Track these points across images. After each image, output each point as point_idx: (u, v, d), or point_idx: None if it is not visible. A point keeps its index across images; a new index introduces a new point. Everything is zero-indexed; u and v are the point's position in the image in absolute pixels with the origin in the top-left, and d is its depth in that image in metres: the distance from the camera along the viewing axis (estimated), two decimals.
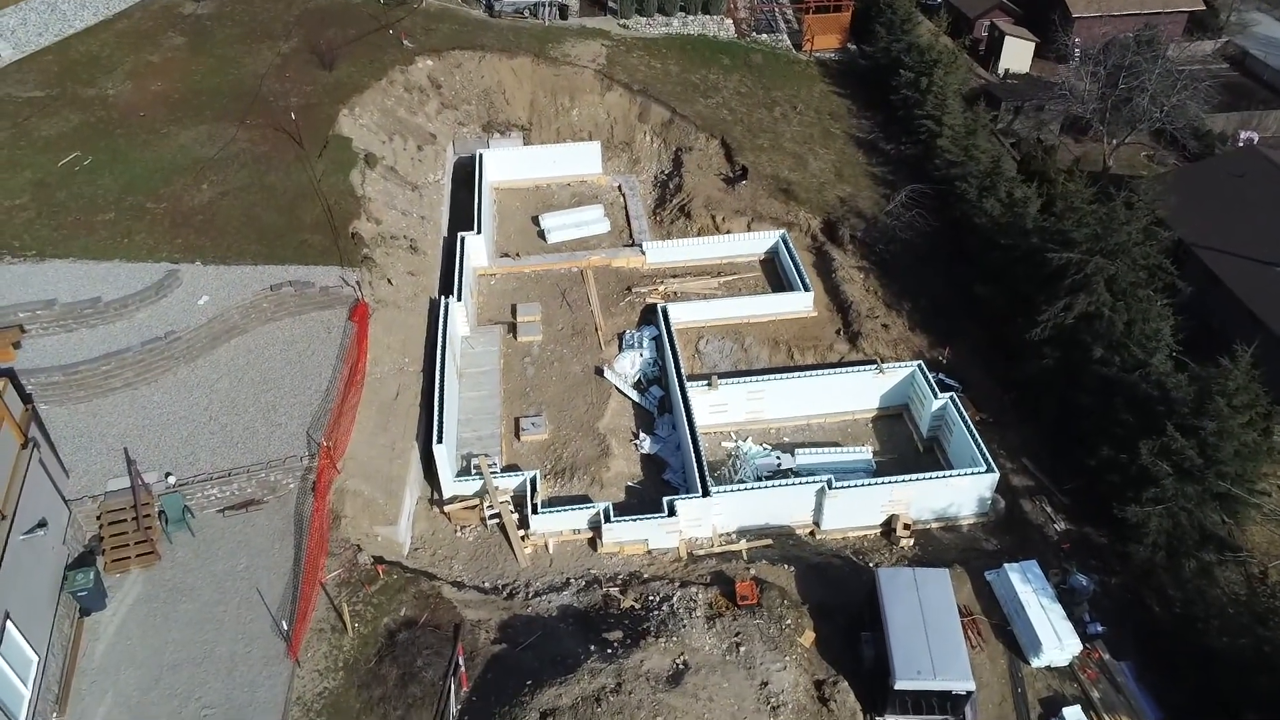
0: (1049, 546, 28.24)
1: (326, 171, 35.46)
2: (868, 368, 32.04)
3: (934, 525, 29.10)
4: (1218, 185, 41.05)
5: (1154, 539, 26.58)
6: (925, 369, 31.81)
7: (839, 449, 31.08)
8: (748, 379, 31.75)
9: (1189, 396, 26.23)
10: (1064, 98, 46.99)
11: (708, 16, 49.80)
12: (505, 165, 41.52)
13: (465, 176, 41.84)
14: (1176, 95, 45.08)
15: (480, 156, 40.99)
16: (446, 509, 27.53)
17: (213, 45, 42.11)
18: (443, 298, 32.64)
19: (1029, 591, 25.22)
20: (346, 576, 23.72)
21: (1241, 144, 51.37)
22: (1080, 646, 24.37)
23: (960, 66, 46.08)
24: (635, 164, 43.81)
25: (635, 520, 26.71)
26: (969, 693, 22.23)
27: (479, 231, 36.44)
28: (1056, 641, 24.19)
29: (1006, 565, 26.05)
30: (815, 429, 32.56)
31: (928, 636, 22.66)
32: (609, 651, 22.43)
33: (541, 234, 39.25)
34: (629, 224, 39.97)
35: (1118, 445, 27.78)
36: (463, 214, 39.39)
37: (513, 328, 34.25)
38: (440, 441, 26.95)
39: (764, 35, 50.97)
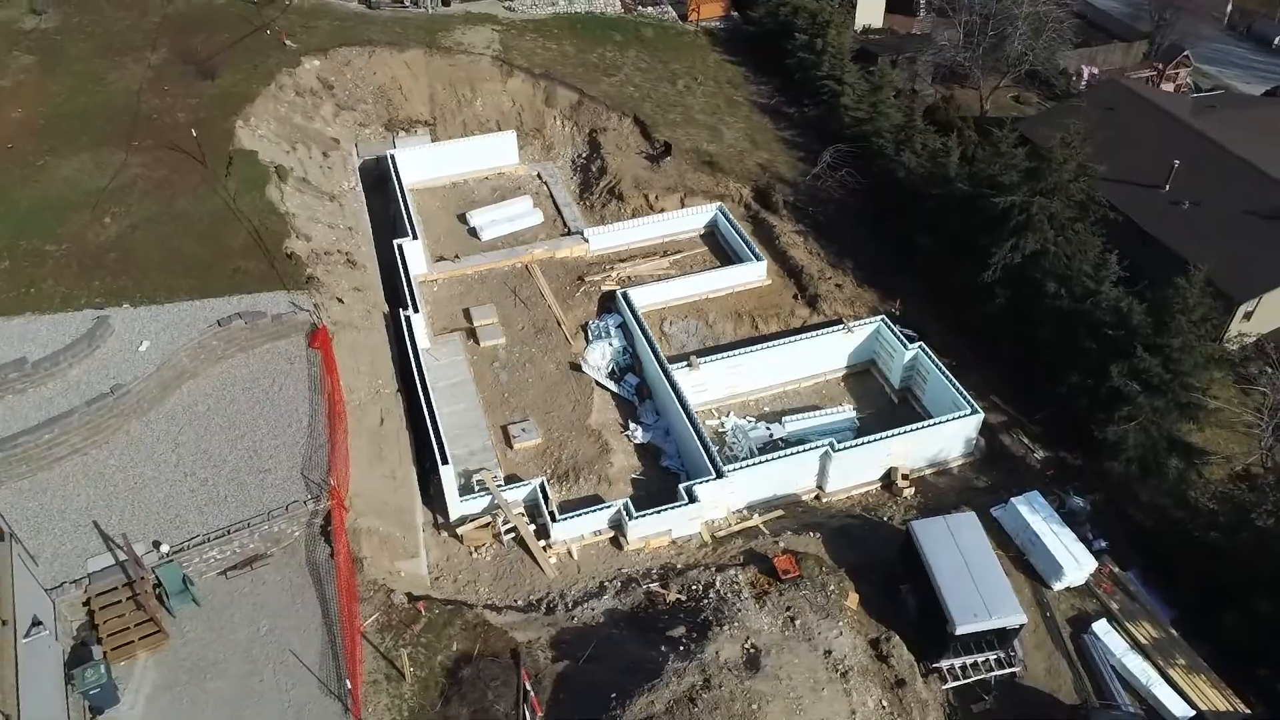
0: (1034, 475, 29.78)
1: (239, 190, 32.64)
2: (835, 329, 32.65)
3: (927, 472, 30.13)
4: (1092, 118, 44.03)
5: (1130, 454, 28.56)
6: (889, 322, 32.76)
7: (823, 412, 31.63)
8: (726, 354, 31.69)
9: (1149, 318, 28.13)
10: (942, 49, 49.09)
11: None
12: (418, 165, 39.47)
13: (374, 181, 39.60)
14: (1046, 36, 47.99)
15: (392, 158, 38.80)
16: (459, 531, 26.16)
17: (68, 62, 37.81)
18: (401, 311, 30.86)
19: (1039, 520, 26.53)
20: (386, 620, 22.17)
21: (1085, 80, 55.48)
22: (1095, 564, 25.92)
23: (849, 26, 47.24)
24: (549, 150, 42.66)
25: (659, 512, 26.26)
26: (1020, 625, 23.25)
27: (415, 237, 34.55)
28: (1075, 563, 25.62)
29: (1013, 499, 27.30)
30: (791, 395, 32.97)
31: (974, 579, 23.45)
32: (681, 649, 22.02)
33: (473, 232, 37.66)
34: (559, 213, 38.93)
35: (1084, 371, 29.56)
36: (379, 221, 37.32)
37: (471, 333, 32.78)
38: (446, 462, 25.53)
39: (649, 8, 50.59)
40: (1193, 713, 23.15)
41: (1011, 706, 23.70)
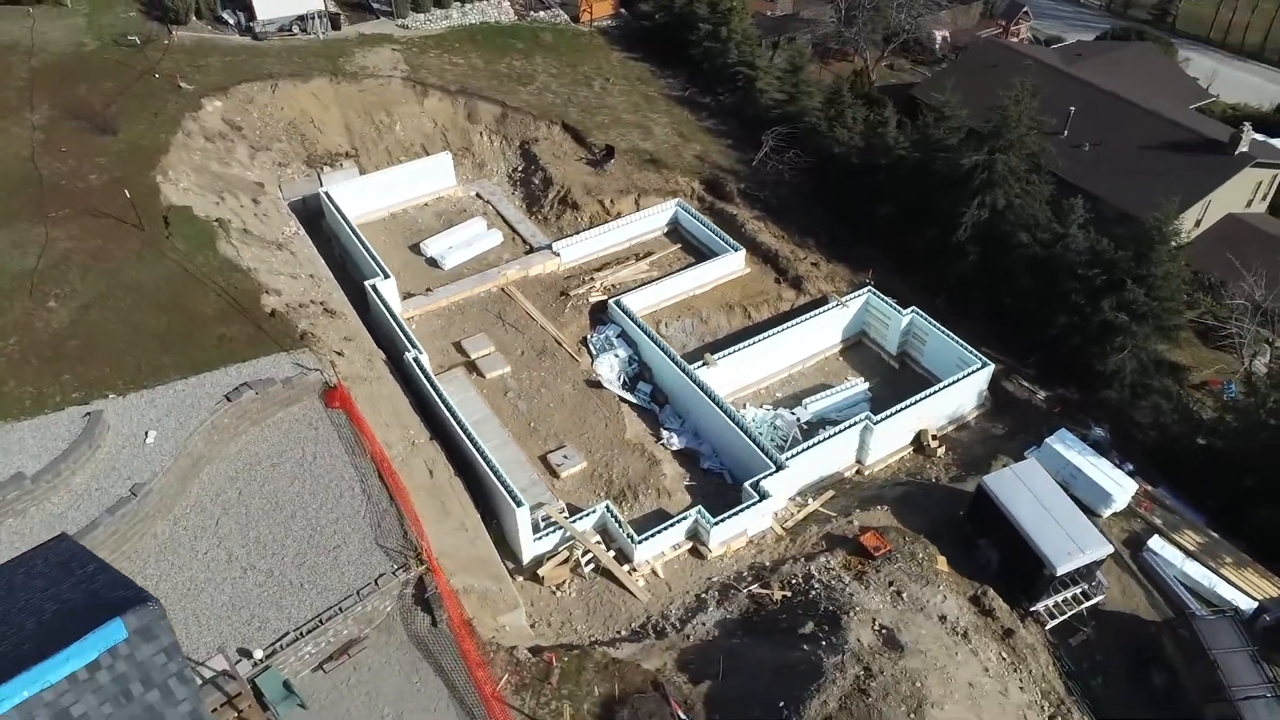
0: (1043, 415, 31.52)
1: (189, 250, 29.55)
2: (829, 307, 33.27)
3: (949, 429, 31.28)
4: (979, 77, 46.81)
5: (1126, 380, 30.74)
6: (877, 293, 33.70)
7: (838, 388, 32.17)
8: (738, 348, 31.61)
9: (1129, 252, 30.28)
10: (828, 26, 50.88)
11: (485, 2, 47.39)
12: (353, 199, 36.97)
13: (305, 223, 36.73)
14: (918, 5, 50.67)
15: (327, 195, 36.20)
16: (540, 572, 24.85)
17: None
18: (405, 355, 28.94)
19: (1076, 454, 28.10)
20: (519, 679, 20.78)
21: (939, 43, 59.03)
22: (1135, 486, 27.73)
23: (749, 12, 48.06)
24: (482, 168, 41.04)
25: (735, 514, 25.90)
26: (1108, 555, 24.57)
27: (386, 275, 32.40)
28: (1119, 488, 27.32)
29: (1047, 439, 28.77)
30: (798, 377, 33.36)
31: (1057, 521, 24.58)
32: (824, 644, 21.86)
33: (432, 262, 35.75)
34: (514, 230, 37.57)
35: (1070, 311, 31.48)
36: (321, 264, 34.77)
37: (472, 367, 31.14)
38: (521, 504, 24.16)
39: (541, 13, 49.52)
40: (1255, 604, 25.22)
41: (1102, 632, 25.04)
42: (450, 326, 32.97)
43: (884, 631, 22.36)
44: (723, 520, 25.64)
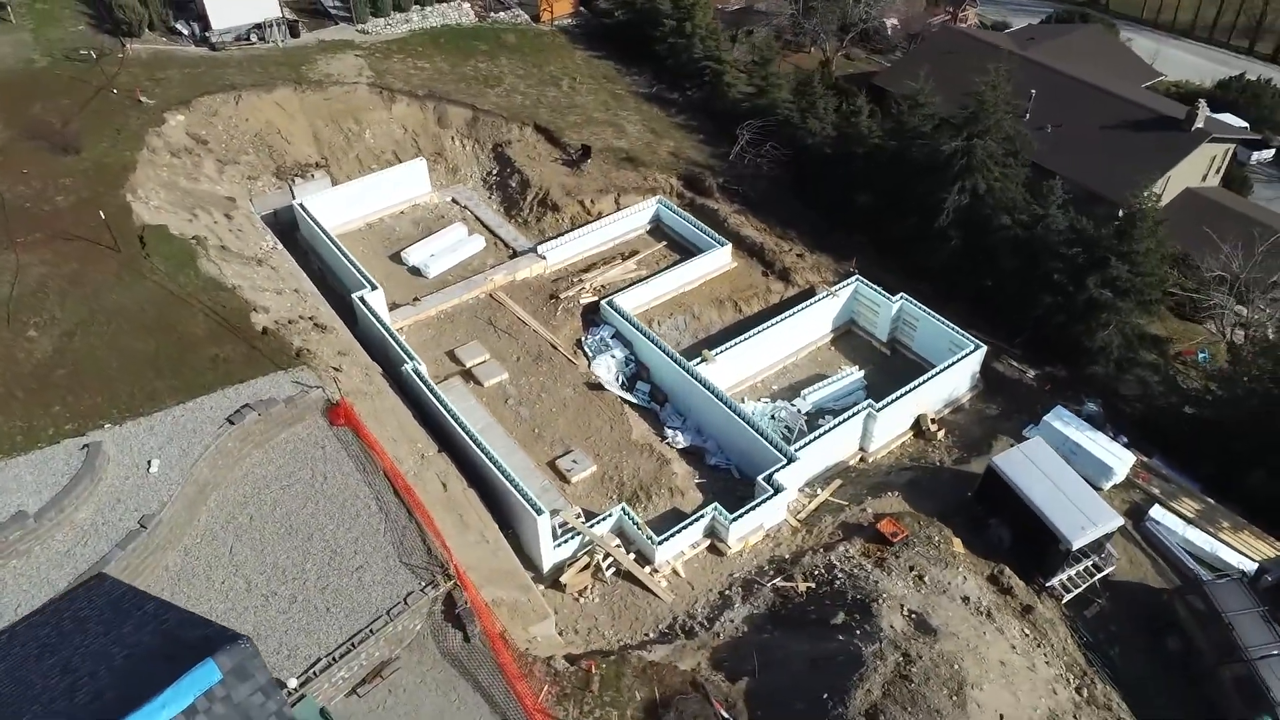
0: (1034, 393, 32.16)
1: (169, 271, 28.57)
2: (821, 297, 33.46)
3: (945, 412, 31.71)
4: (939, 64, 47.50)
5: (1113, 354, 31.50)
6: (865, 282, 34.00)
7: (835, 377, 32.39)
8: (735, 343, 31.61)
9: (1110, 230, 31.01)
10: (786, 18, 51.21)
11: (445, 4, 46.63)
12: (329, 210, 36.11)
13: (278, 237, 35.80)
14: None
15: (301, 207, 35.32)
16: (563, 579, 24.57)
17: None
18: (404, 367, 28.38)
19: (1074, 430, 28.73)
20: (560, 690, 20.52)
21: (889, 31, 59.80)
22: (1133, 458, 28.43)
23: (712, 6, 48.08)
24: (455, 173, 40.41)
25: (752, 509, 25.91)
26: (1119, 527, 25.14)
27: (374, 287, 31.71)
28: (1119, 461, 28.00)
29: (1045, 417, 29.34)
30: (792, 369, 33.51)
31: (1068, 497, 25.08)
32: (859, 634, 21.97)
33: (415, 271, 35.11)
34: (495, 235, 37.08)
35: (1055, 290, 32.13)
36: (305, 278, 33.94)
37: (468, 375, 30.66)
38: (541, 512, 23.85)
39: (502, 14, 48.90)
40: (1255, 565, 26.05)
41: (1115, 602, 25.64)
42: (441, 336, 32.41)
43: (914, 616, 22.59)
44: (740, 516, 25.62)
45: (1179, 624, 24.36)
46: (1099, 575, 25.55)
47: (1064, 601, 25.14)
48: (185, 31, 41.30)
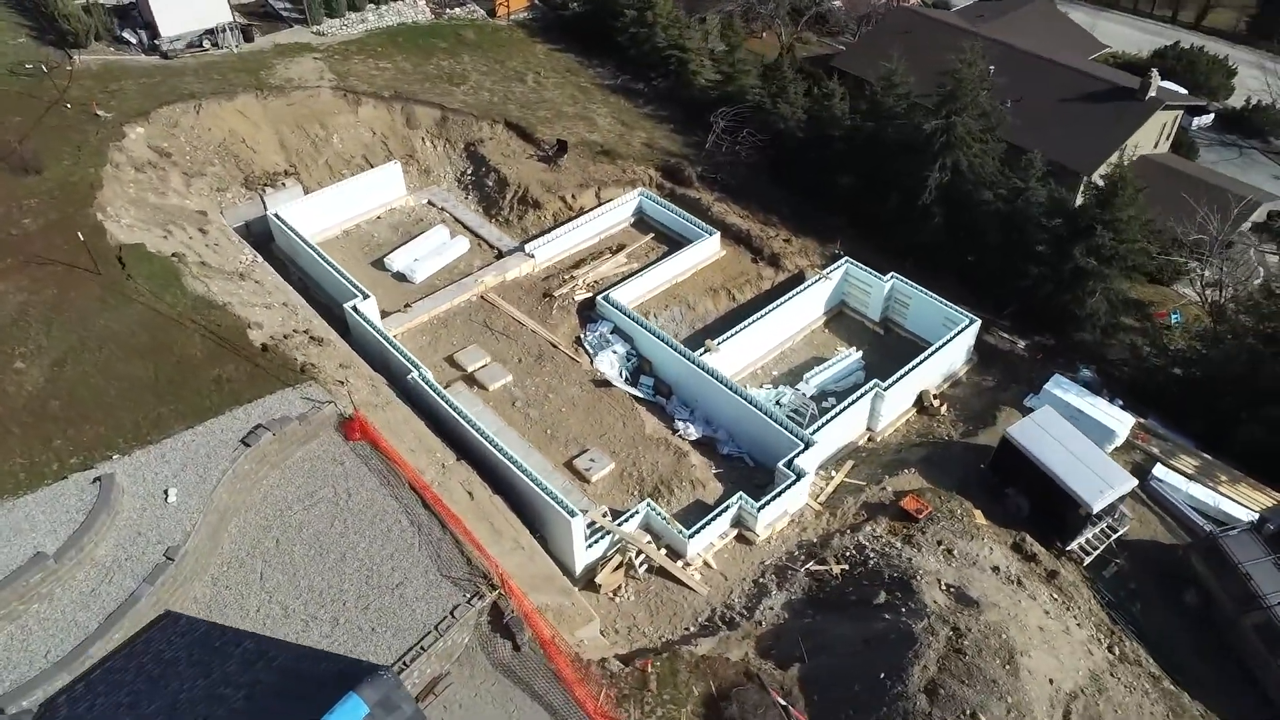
0: (1027, 363, 32.87)
1: (154, 291, 27.43)
2: (813, 281, 33.66)
3: (945, 387, 32.23)
4: (897, 44, 48.07)
5: (1100, 321, 32.38)
6: (855, 263, 34.32)
7: (834, 360, 32.64)
8: (736, 330, 31.59)
9: (1092, 200, 31.81)
10: (743, 2, 51.31)
11: (399, 2, 45.56)
12: (304, 218, 35.01)
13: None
14: None
15: (276, 217, 34.20)
16: (597, 580, 24.32)
17: None
18: (409, 376, 27.72)
19: (1074, 397, 29.46)
20: (618, 692, 20.32)
21: (838, 13, 60.35)
22: (1131, 420, 29.28)
23: None
24: (428, 175, 39.56)
25: (777, 496, 25.97)
26: (1133, 488, 25.87)
27: (366, 296, 30.88)
28: (1120, 424, 28.80)
29: (1045, 386, 30.01)
30: (789, 354, 33.68)
31: (1084, 462, 25.70)
32: (904, 611, 22.21)
33: (400, 277, 34.30)
34: (476, 235, 36.43)
35: (1040, 261, 32.86)
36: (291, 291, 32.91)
37: (471, 380, 30.09)
38: (574, 514, 23.53)
39: (457, 9, 47.99)
40: (1256, 515, 27.07)
41: (1131, 561, 26.40)
42: (437, 341, 31.73)
43: (953, 590, 22.93)
44: (767, 503, 25.67)
45: (1195, 578, 25.18)
46: (1114, 536, 26.25)
47: (1084, 564, 25.77)
48: (133, 40, 39.60)
